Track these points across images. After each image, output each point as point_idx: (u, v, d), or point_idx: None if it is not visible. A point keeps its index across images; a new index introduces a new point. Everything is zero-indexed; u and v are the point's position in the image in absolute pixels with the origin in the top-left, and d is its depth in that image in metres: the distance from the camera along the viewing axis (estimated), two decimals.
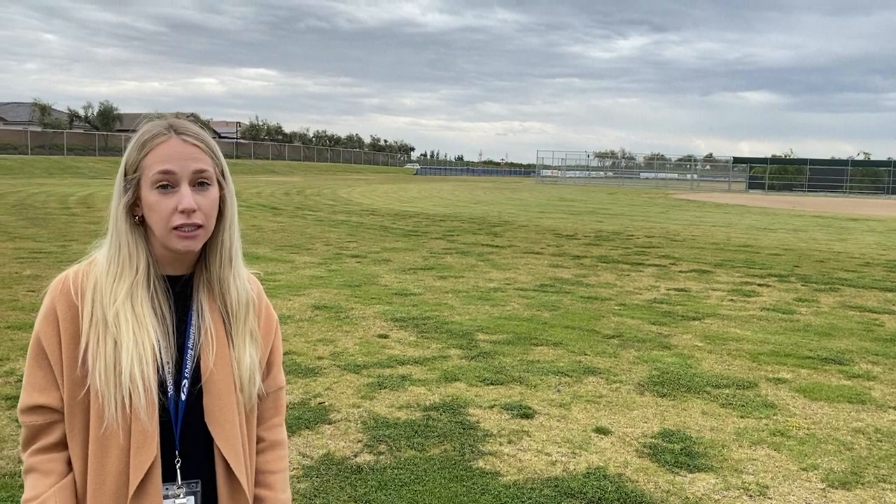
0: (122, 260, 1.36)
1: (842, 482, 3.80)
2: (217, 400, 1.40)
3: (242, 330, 1.45)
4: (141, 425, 1.31)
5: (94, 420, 1.32)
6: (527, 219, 21.63)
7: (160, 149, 1.35)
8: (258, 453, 1.53)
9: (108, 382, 1.30)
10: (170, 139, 1.36)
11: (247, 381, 1.44)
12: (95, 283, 1.36)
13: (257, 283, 1.57)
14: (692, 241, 16.07)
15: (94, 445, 1.33)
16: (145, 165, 1.35)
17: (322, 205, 25.07)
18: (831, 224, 23.49)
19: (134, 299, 1.35)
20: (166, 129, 1.37)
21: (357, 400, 4.84)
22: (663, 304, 8.48)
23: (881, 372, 5.86)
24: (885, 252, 14.99)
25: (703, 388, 5.30)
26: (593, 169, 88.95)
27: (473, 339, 6.52)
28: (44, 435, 1.36)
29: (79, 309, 1.34)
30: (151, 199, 1.34)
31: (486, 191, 44.38)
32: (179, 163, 1.34)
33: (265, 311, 1.55)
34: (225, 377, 1.41)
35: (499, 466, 3.89)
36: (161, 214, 1.33)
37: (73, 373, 1.33)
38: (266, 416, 1.56)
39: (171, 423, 1.36)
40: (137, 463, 1.31)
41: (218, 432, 1.39)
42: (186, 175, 1.34)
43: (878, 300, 9.17)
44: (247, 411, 1.47)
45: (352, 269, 10.46)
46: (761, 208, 32.85)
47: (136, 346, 1.32)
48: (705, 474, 3.87)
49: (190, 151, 1.36)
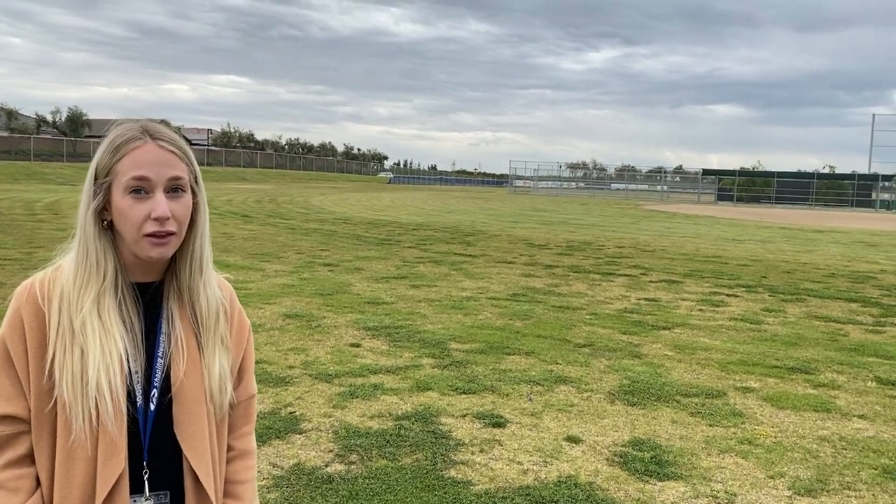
0: (90, 266, 1.32)
1: (808, 489, 3.86)
2: (187, 410, 1.37)
3: (213, 338, 1.42)
4: (109, 436, 1.28)
5: (62, 432, 1.28)
6: (499, 228, 21.71)
7: (135, 153, 1.31)
8: (227, 462, 1.49)
9: (76, 393, 1.26)
10: (145, 144, 1.32)
11: (217, 391, 1.40)
12: (62, 291, 1.32)
13: (229, 288, 1.53)
14: (662, 252, 16.25)
15: (61, 457, 1.29)
16: (118, 170, 1.31)
17: (294, 213, 24.93)
18: (797, 236, 23.92)
19: (101, 307, 1.31)
20: (141, 134, 1.33)
21: (328, 409, 4.81)
22: (634, 313, 8.56)
23: (846, 381, 5.97)
24: (849, 263, 15.30)
25: (673, 396, 5.35)
26: (565, 179, 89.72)
27: (446, 348, 6.52)
28: (10, 447, 1.30)
29: (45, 316, 1.30)
30: (123, 205, 1.30)
31: (459, 200, 44.48)
32: (155, 169, 1.30)
33: (237, 316, 1.51)
34: (195, 387, 1.38)
35: (470, 475, 3.89)
36: (133, 221, 1.30)
37: (39, 383, 1.29)
38: (236, 424, 1.52)
39: (140, 434, 1.33)
40: (105, 475, 1.28)
41: (187, 443, 1.36)
42: (161, 182, 1.31)
43: (843, 310, 9.35)
44: (217, 421, 1.44)
45: (324, 277, 10.41)
46: (730, 220, 33.34)
47: (103, 355, 1.28)
48: (675, 482, 3.90)
49: (166, 157, 1.32)
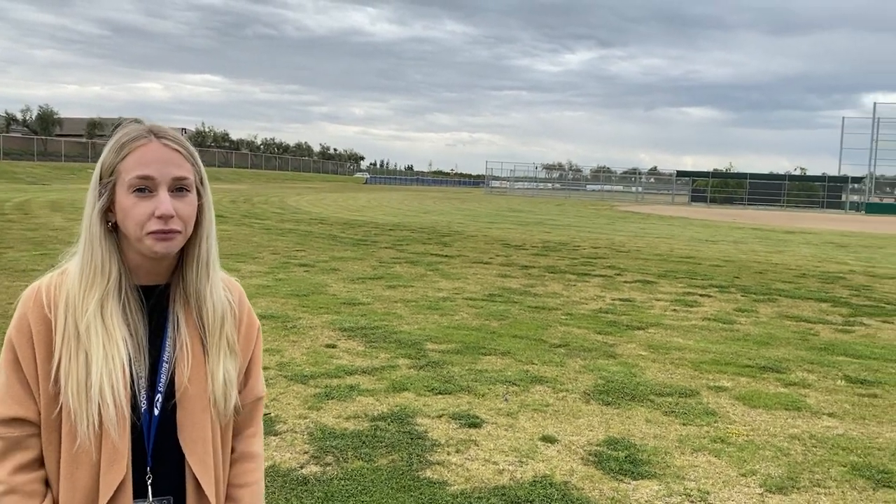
0: (94, 267, 1.31)
1: (779, 487, 3.92)
2: (191, 416, 1.36)
3: (218, 343, 1.40)
4: (111, 442, 1.27)
5: (67, 437, 1.28)
6: (476, 229, 21.75)
7: (139, 152, 1.30)
8: (231, 465, 1.48)
9: (80, 399, 1.26)
10: (150, 143, 1.31)
11: (221, 397, 1.39)
12: (67, 295, 1.31)
13: (238, 288, 1.52)
14: (637, 253, 16.39)
15: (66, 462, 1.29)
16: (123, 169, 1.30)
17: (270, 213, 24.77)
18: (769, 236, 24.26)
19: (104, 311, 1.30)
20: (146, 133, 1.32)
21: (304, 411, 4.79)
22: (609, 313, 8.62)
23: (816, 380, 6.06)
24: (819, 264, 15.55)
25: (647, 396, 5.40)
26: (541, 180, 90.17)
27: (422, 348, 6.52)
28: (21, 450, 1.30)
29: (52, 323, 1.29)
30: (127, 203, 1.29)
31: (435, 201, 44.48)
32: (159, 168, 1.30)
33: (246, 317, 1.50)
34: (200, 392, 1.37)
35: (446, 476, 3.89)
36: (137, 219, 1.29)
37: (46, 388, 1.29)
38: (240, 426, 1.50)
39: (144, 439, 1.32)
40: (107, 481, 1.28)
41: (190, 449, 1.35)
42: (166, 181, 1.30)
43: (813, 310, 9.50)
44: (222, 426, 1.42)
45: (299, 278, 10.36)
46: (703, 221, 33.72)
47: (106, 360, 1.27)
48: (649, 481, 3.94)
49: (170, 156, 1.32)
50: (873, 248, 21.14)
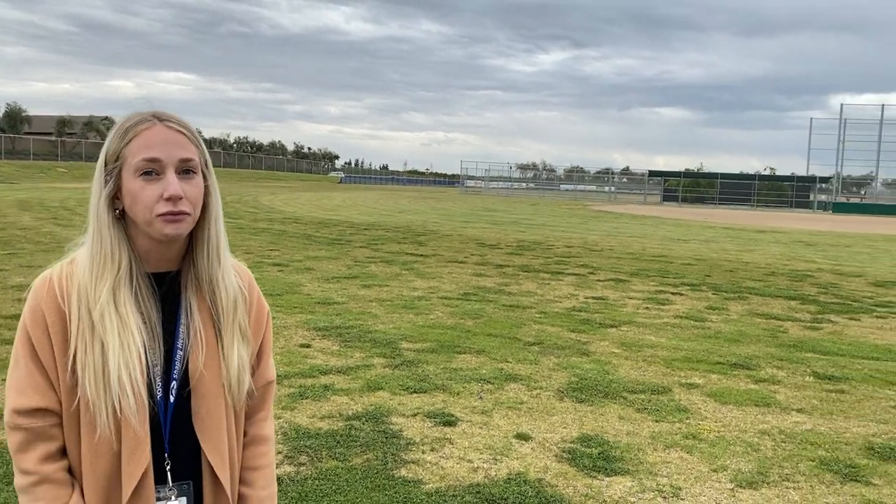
0: (105, 254, 1.30)
1: (749, 482, 3.98)
2: (205, 402, 1.37)
3: (231, 328, 1.41)
4: (132, 431, 1.28)
5: (86, 428, 1.28)
6: (451, 228, 21.77)
7: (144, 135, 1.30)
8: (243, 448, 1.49)
9: (98, 389, 1.26)
10: (154, 126, 1.31)
11: (235, 383, 1.40)
12: (79, 285, 1.31)
13: (248, 273, 1.52)
14: (610, 252, 16.53)
15: (86, 453, 1.29)
16: (128, 153, 1.30)
17: (243, 212, 24.56)
18: (740, 235, 24.60)
19: (117, 299, 1.30)
20: (150, 117, 1.32)
21: (277, 411, 4.76)
22: (582, 312, 8.69)
23: (785, 376, 6.16)
24: (788, 262, 15.80)
25: (620, 393, 5.45)
26: (516, 180, 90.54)
27: (397, 347, 6.51)
28: (46, 440, 1.30)
29: (66, 314, 1.29)
30: (135, 187, 1.29)
31: (410, 200, 44.44)
32: (165, 149, 1.30)
33: (256, 301, 1.51)
34: (214, 378, 1.38)
35: (421, 475, 3.89)
36: (145, 202, 1.28)
37: (65, 380, 1.29)
38: (253, 410, 1.52)
39: (161, 426, 1.33)
40: (130, 470, 1.28)
41: (205, 436, 1.37)
42: (172, 162, 1.30)
43: (783, 308, 9.65)
44: (236, 411, 1.44)
45: (273, 277, 10.29)
46: (675, 220, 34.10)
47: (123, 349, 1.27)
48: (622, 477, 3.98)
49: (176, 138, 1.32)
50: (840, 246, 21.54)
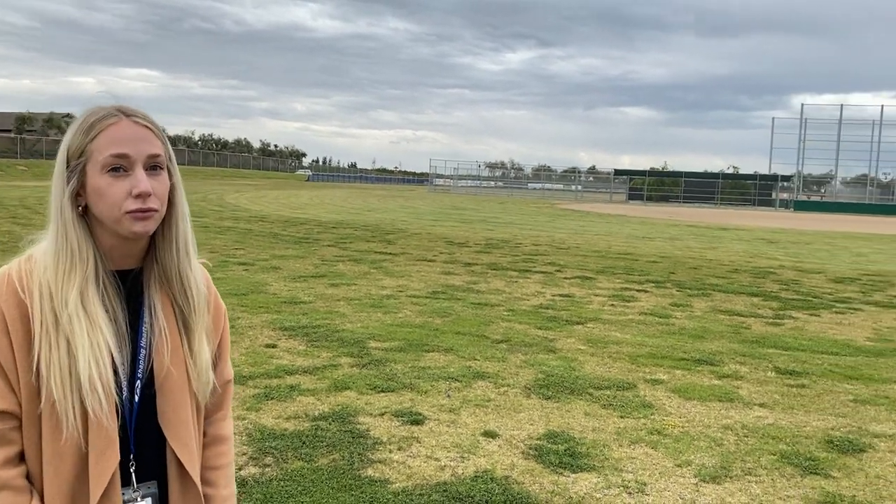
0: (71, 252, 1.26)
1: (712, 476, 4.03)
2: (172, 400, 1.35)
3: (200, 326, 1.39)
4: (104, 430, 1.24)
5: (51, 432, 1.24)
6: (420, 226, 21.75)
7: (111, 131, 1.26)
8: (203, 448, 1.48)
9: (66, 390, 1.22)
10: (121, 121, 1.28)
11: (203, 381, 1.39)
12: (41, 282, 1.26)
13: (205, 272, 1.50)
14: (576, 250, 16.65)
15: (49, 456, 1.24)
16: (94, 149, 1.26)
17: (207, 211, 24.25)
18: (704, 233, 24.97)
19: (85, 298, 1.26)
20: (115, 112, 1.29)
21: (242, 412, 4.70)
22: (549, 309, 8.73)
23: (748, 371, 6.26)
24: (751, 259, 16.08)
25: (586, 389, 5.49)
26: (484, 179, 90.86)
27: (365, 346, 6.48)
28: (6, 444, 1.25)
29: (28, 308, 1.24)
30: (101, 184, 1.25)
31: (379, 198, 44.31)
32: (134, 145, 1.26)
33: (214, 300, 1.49)
34: (179, 376, 1.36)
35: (388, 474, 3.87)
36: (113, 199, 1.25)
37: (28, 381, 1.23)
38: (211, 410, 1.50)
39: (126, 426, 1.30)
40: (100, 470, 1.24)
41: (172, 433, 1.34)
42: (141, 158, 1.27)
43: (745, 304, 9.81)
44: (199, 409, 1.42)
45: (238, 277, 10.17)
46: (640, 218, 34.49)
47: (92, 348, 1.24)
48: (587, 474, 4.00)
49: (143, 134, 1.29)
50: (801, 244, 21.99)
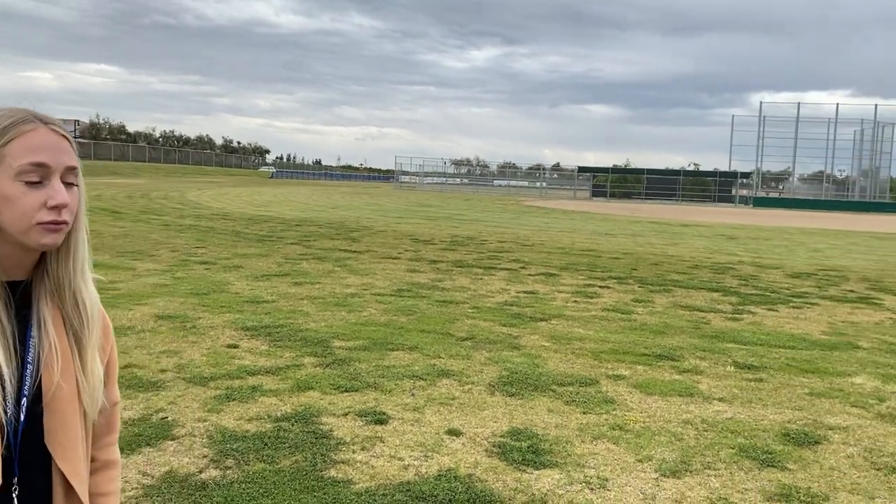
0: None
1: (672, 471, 4.09)
2: (61, 420, 1.28)
3: (94, 341, 1.34)
4: None
5: None
6: (385, 224, 21.68)
7: (28, 137, 1.21)
8: (91, 474, 1.41)
9: None
10: (38, 128, 1.22)
11: (93, 399, 1.33)
12: None
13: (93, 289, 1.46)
14: (540, 246, 16.76)
15: None
16: (7, 154, 1.20)
17: (168, 208, 23.87)
18: (665, 230, 25.32)
19: None
20: (32, 118, 1.23)
21: (203, 414, 4.64)
22: (513, 306, 8.78)
23: (707, 366, 6.37)
24: (711, 255, 16.36)
25: (549, 386, 5.53)
26: (450, 176, 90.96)
27: (329, 346, 6.44)
28: None
29: None
30: (13, 192, 1.19)
31: (344, 195, 44.05)
32: (52, 155, 1.21)
33: (102, 318, 1.43)
34: (70, 395, 1.29)
35: (351, 474, 3.85)
36: (24, 209, 1.19)
37: None
38: (99, 433, 1.44)
39: (11, 447, 1.22)
40: None
41: (60, 455, 1.27)
42: (59, 169, 1.22)
43: (706, 300, 9.98)
44: (88, 430, 1.36)
45: (200, 276, 10.03)
46: (603, 215, 34.85)
47: None
48: (550, 470, 4.03)
49: (62, 144, 1.24)
50: (760, 239, 22.44)
